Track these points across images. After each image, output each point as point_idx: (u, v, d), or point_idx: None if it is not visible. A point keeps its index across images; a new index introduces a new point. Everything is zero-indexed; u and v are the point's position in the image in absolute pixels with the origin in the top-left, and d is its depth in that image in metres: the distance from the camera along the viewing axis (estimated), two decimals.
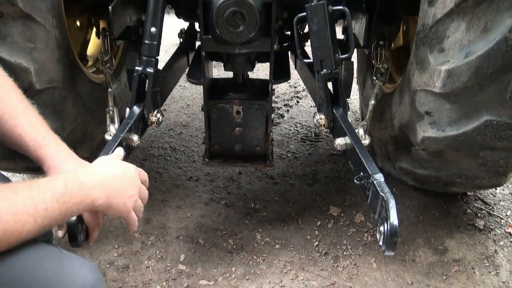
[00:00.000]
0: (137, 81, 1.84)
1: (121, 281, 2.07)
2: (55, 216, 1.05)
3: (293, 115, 3.78)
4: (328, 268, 2.19)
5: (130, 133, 1.74)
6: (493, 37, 1.51)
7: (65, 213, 1.08)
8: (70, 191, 1.10)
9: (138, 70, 1.83)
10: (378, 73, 2.41)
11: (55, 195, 1.06)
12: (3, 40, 1.68)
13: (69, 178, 1.13)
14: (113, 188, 1.23)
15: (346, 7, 1.71)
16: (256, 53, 2.06)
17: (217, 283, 2.09)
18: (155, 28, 1.78)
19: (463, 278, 2.15)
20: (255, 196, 2.69)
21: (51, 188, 1.07)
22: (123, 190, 1.26)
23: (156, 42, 1.81)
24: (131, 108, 1.86)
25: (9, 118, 1.29)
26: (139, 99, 1.87)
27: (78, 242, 1.29)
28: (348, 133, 1.70)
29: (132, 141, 1.74)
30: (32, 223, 1.00)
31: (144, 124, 1.90)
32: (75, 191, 1.11)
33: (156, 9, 1.77)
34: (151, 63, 1.83)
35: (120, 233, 2.34)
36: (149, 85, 1.84)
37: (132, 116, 1.81)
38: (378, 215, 1.40)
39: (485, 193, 2.75)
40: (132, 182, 1.30)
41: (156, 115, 1.90)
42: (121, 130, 1.71)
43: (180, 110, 3.79)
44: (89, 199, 1.14)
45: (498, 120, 1.67)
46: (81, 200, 1.12)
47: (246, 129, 2.11)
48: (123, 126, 1.75)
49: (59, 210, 1.06)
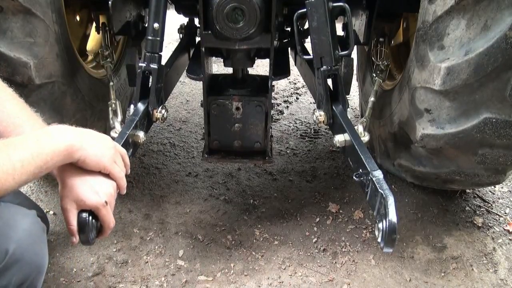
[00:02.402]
0: (141, 78, 1.83)
1: (120, 276, 2.07)
2: (31, 170, 1.07)
3: (293, 112, 3.78)
4: (326, 265, 2.19)
5: (136, 130, 1.73)
6: (493, 34, 1.51)
7: (40, 166, 1.09)
8: (42, 142, 1.11)
9: (142, 67, 1.82)
10: (378, 70, 2.41)
11: (29, 150, 1.08)
12: (3, 35, 1.68)
13: (39, 132, 1.15)
14: (87, 137, 1.23)
15: (346, 4, 1.71)
16: (256, 49, 2.05)
17: (215, 278, 2.10)
18: (158, 24, 1.77)
19: (461, 275, 2.16)
20: (254, 192, 2.70)
21: (24, 144, 1.08)
22: (100, 139, 1.26)
23: (159, 38, 1.80)
24: (135, 105, 1.84)
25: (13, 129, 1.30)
26: (144, 95, 1.86)
27: (89, 240, 1.24)
28: (347, 130, 1.70)
29: (138, 137, 1.73)
30: (10, 181, 1.03)
31: (149, 121, 1.90)
32: (47, 140, 1.12)
33: (158, 5, 1.76)
34: (154, 59, 1.81)
35: (119, 228, 2.34)
36: (153, 81, 1.83)
37: (137, 113, 1.80)
38: (377, 212, 1.40)
39: (484, 191, 2.75)
40: (107, 139, 1.30)
41: (160, 111, 1.89)
42: (127, 127, 1.70)
43: (179, 106, 3.79)
44: (62, 146, 1.14)
45: (498, 118, 1.67)
46: (54, 149, 1.13)
47: (246, 125, 2.11)
48: (129, 123, 1.73)
49: (35, 164, 1.08)
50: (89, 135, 1.25)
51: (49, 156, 1.11)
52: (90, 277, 2.06)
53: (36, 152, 1.09)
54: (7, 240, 1.12)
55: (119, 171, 1.31)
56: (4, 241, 1.11)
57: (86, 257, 2.16)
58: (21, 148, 1.07)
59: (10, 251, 1.11)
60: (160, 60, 1.84)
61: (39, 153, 1.09)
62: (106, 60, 2.34)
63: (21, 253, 1.14)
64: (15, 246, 1.12)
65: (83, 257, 2.15)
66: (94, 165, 1.24)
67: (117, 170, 1.30)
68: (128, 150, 1.66)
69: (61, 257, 2.14)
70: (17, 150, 1.06)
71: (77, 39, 2.52)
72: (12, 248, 1.11)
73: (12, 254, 1.11)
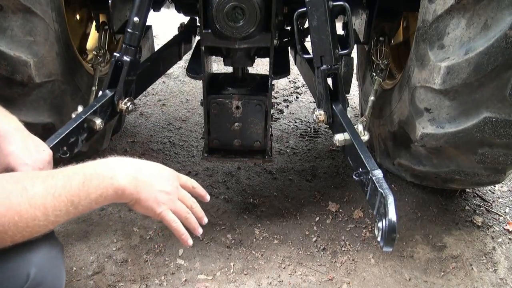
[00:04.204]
0: (113, 67, 1.84)
1: (119, 275, 2.07)
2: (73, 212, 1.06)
3: (293, 111, 3.78)
4: (326, 264, 2.19)
5: (94, 115, 1.73)
6: (493, 34, 1.51)
7: (81, 211, 1.08)
8: (88, 185, 1.07)
9: (116, 56, 1.82)
10: (378, 69, 2.41)
11: (72, 191, 1.05)
12: (3, 33, 1.68)
13: (88, 170, 1.10)
14: (144, 176, 1.16)
15: (346, 3, 1.71)
16: (256, 48, 2.05)
17: (215, 277, 2.10)
18: (138, 18, 1.78)
19: (461, 275, 2.16)
20: (254, 191, 2.70)
21: (67, 184, 1.05)
22: (154, 182, 1.18)
23: (138, 32, 1.80)
24: (103, 91, 1.85)
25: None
26: (112, 85, 1.86)
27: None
28: (347, 129, 1.70)
29: (95, 124, 1.73)
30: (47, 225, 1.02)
31: (113, 110, 1.88)
32: (95, 183, 1.08)
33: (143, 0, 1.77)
34: (130, 52, 1.82)
35: (119, 227, 2.34)
36: (124, 72, 1.83)
37: (100, 100, 1.80)
38: (377, 211, 1.40)
39: (484, 190, 2.75)
40: (167, 178, 1.23)
41: (126, 103, 1.88)
42: (85, 112, 1.71)
43: (179, 105, 3.79)
44: (111, 191, 1.10)
45: (498, 117, 1.67)
46: (102, 193, 1.09)
47: (246, 124, 2.11)
48: (89, 108, 1.74)
49: (75, 210, 1.06)
50: (146, 174, 1.18)
51: (93, 201, 1.08)
52: (90, 276, 2.06)
53: (79, 198, 1.05)
54: (28, 264, 1.08)
55: (173, 219, 1.25)
56: (25, 265, 1.07)
57: (85, 256, 2.16)
58: (63, 188, 1.03)
59: (32, 275, 1.07)
60: (136, 53, 1.85)
61: (83, 197, 1.06)
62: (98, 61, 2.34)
63: (42, 276, 1.09)
64: (36, 270, 1.08)
65: (83, 256, 2.15)
66: (144, 211, 1.20)
67: (170, 218, 1.24)
68: (81, 134, 1.66)
69: None
70: (57, 189, 1.02)
71: (77, 38, 2.52)
72: (33, 272, 1.07)
73: (33, 278, 1.07)
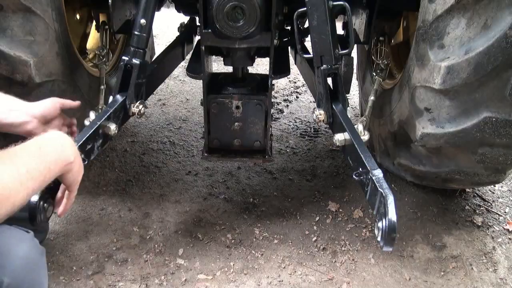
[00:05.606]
0: (122, 71, 1.84)
1: (119, 275, 2.07)
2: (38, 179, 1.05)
3: (293, 111, 3.77)
4: (326, 263, 2.19)
5: (108, 121, 1.73)
6: (493, 34, 1.51)
7: (45, 175, 1.07)
8: (45, 151, 1.09)
9: (125, 60, 1.82)
10: (378, 69, 2.41)
11: (34, 158, 1.05)
12: (3, 33, 1.68)
13: (39, 140, 1.12)
14: (76, 150, 1.23)
15: (346, 3, 1.71)
16: (256, 48, 2.05)
17: (215, 277, 2.10)
18: (145, 20, 1.78)
19: (461, 275, 2.16)
20: (254, 191, 2.70)
21: (26, 151, 1.06)
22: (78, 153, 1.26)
23: (145, 34, 1.81)
24: (114, 96, 1.85)
25: None
26: (123, 89, 1.86)
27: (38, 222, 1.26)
28: (347, 128, 1.70)
29: (109, 129, 1.73)
30: (22, 192, 1.00)
31: (125, 114, 1.89)
32: (50, 150, 1.11)
33: (148, 1, 1.77)
34: (138, 54, 1.82)
35: (118, 227, 2.34)
36: (134, 76, 1.83)
37: (113, 105, 1.80)
38: (377, 211, 1.41)
39: (484, 190, 2.75)
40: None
41: (138, 106, 1.88)
42: (99, 117, 1.71)
43: (179, 105, 3.79)
44: (63, 156, 1.14)
45: (497, 117, 1.67)
46: (56, 158, 1.12)
47: (246, 124, 2.11)
48: (102, 113, 1.74)
49: (39, 172, 1.06)
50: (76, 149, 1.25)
51: (52, 165, 1.09)
52: (90, 275, 2.06)
53: (40, 160, 1.06)
54: (2, 271, 1.05)
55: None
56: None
57: (85, 256, 2.16)
58: (27, 156, 1.04)
59: (5, 284, 1.03)
60: (145, 56, 1.85)
61: (42, 160, 1.07)
62: (102, 61, 2.34)
63: (17, 284, 1.06)
64: (10, 278, 1.05)
65: (83, 256, 2.15)
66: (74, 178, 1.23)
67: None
68: (97, 140, 1.67)
69: (60, 256, 2.14)
70: (22, 158, 1.03)
71: (77, 37, 2.53)
72: (7, 281, 1.03)
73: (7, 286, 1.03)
